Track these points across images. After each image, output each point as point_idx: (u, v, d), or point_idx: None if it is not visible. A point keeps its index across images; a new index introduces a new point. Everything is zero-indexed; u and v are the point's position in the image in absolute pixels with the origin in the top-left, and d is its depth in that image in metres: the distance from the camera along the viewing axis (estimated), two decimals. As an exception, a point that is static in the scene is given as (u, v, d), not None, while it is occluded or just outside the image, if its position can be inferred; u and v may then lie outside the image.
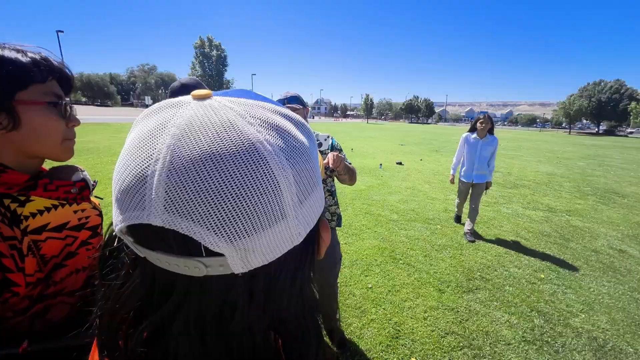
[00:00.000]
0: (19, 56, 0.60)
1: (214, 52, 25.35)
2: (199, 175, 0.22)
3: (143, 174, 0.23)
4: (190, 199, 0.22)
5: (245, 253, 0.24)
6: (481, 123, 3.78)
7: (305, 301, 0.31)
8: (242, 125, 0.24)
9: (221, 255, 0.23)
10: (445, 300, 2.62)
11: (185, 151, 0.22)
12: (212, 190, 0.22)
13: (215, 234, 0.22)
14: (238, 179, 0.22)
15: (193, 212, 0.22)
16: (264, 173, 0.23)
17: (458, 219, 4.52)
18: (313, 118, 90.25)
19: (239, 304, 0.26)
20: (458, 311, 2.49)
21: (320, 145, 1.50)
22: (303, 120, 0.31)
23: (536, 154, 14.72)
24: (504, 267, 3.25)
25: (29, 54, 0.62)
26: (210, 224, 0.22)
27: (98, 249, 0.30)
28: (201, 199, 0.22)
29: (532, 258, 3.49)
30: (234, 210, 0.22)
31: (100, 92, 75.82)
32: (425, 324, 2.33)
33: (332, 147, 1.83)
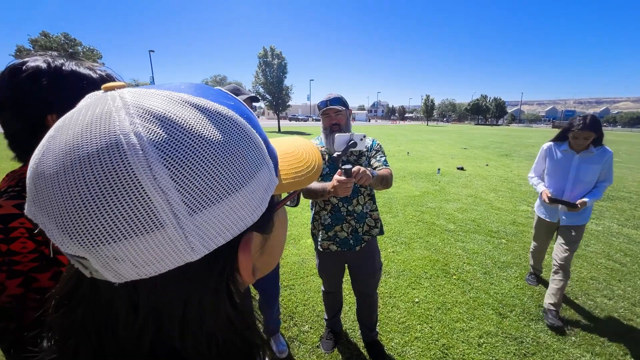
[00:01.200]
0: (91, 73, 0.69)
1: (275, 61, 26.79)
2: (57, 171, 0.21)
3: (33, 164, 0.23)
4: (47, 195, 0.21)
5: (107, 260, 0.21)
6: (580, 130, 2.18)
7: (211, 335, 0.26)
8: (117, 116, 0.21)
9: (84, 257, 0.21)
10: (506, 326, 2.28)
11: (55, 144, 0.22)
12: (65, 187, 0.20)
13: (65, 234, 0.21)
14: (91, 177, 0.20)
15: (48, 208, 0.21)
16: (120, 173, 0.20)
17: (535, 277, 2.89)
18: (369, 120, 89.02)
19: (120, 317, 0.24)
20: (522, 342, 2.14)
21: (354, 145, 1.43)
22: (229, 114, 0.25)
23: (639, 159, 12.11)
24: (588, 295, 2.70)
25: (98, 72, 0.71)
26: (62, 223, 0.21)
27: None
28: (55, 197, 0.21)
29: (629, 288, 2.83)
30: (86, 211, 0.20)
31: None
32: (480, 352, 2.05)
33: (371, 148, 1.74)
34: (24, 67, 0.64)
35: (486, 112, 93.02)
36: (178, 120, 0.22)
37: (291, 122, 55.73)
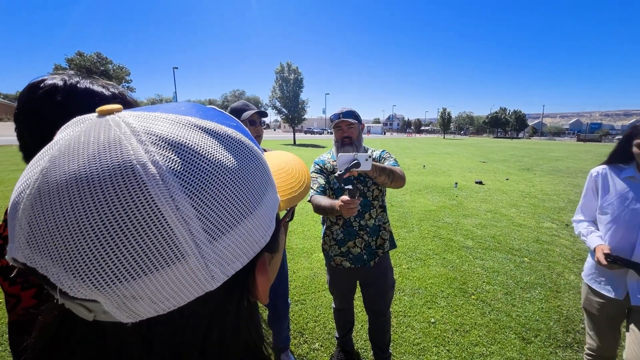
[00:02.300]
0: (104, 90, 0.71)
1: (292, 76, 27.49)
2: (62, 204, 0.19)
3: (15, 202, 0.20)
4: (50, 232, 0.19)
5: (123, 300, 0.19)
6: None
7: (230, 358, 0.25)
8: (129, 143, 0.20)
9: (94, 300, 0.19)
10: (530, 353, 2.13)
11: (54, 177, 0.19)
12: (75, 223, 0.18)
13: (74, 276, 0.19)
14: (105, 210, 0.18)
15: (51, 248, 0.19)
16: (140, 202, 0.19)
17: None
18: (384, 133, 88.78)
19: (134, 357, 0.22)
20: (549, 371, 1.98)
21: (357, 165, 1.40)
22: (238, 136, 0.25)
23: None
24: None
25: (111, 89, 0.73)
26: (69, 264, 0.18)
27: None
28: (60, 234, 0.18)
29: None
30: (101, 248, 0.18)
31: None
32: (502, 380, 1.91)
33: (379, 157, 1.71)
34: (41, 84, 0.68)
35: (506, 124, 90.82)
36: (192, 146, 0.22)
37: (306, 134, 56.40)
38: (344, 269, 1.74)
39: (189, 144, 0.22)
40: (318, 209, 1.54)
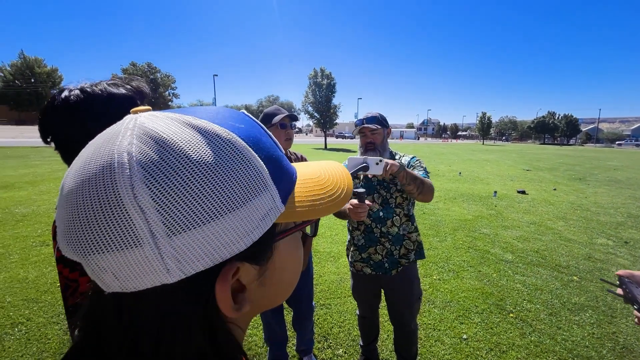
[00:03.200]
0: (122, 89, 0.76)
1: (325, 81, 27.78)
2: (69, 185, 0.24)
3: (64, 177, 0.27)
4: (61, 203, 0.24)
5: (95, 269, 0.23)
6: None
7: None
8: (122, 137, 0.23)
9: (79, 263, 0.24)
10: (578, 382, 1.91)
11: (76, 161, 0.25)
12: (71, 200, 0.23)
13: (65, 240, 0.23)
14: (87, 192, 0.22)
15: (60, 214, 0.24)
16: (107, 189, 0.21)
17: None
18: (418, 138, 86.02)
19: (108, 322, 0.25)
20: (601, 405, 1.77)
21: (365, 168, 1.37)
22: (229, 136, 0.25)
23: None
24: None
25: (127, 85, 0.78)
26: (64, 230, 0.23)
27: None
28: (63, 205, 0.24)
29: None
30: (79, 222, 0.22)
31: None
32: (543, 409, 1.74)
33: (408, 165, 1.66)
34: (60, 96, 0.72)
35: (554, 130, 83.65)
36: (170, 142, 0.23)
37: (337, 139, 56.52)
38: (365, 275, 1.71)
39: (167, 139, 0.23)
40: (337, 213, 1.55)
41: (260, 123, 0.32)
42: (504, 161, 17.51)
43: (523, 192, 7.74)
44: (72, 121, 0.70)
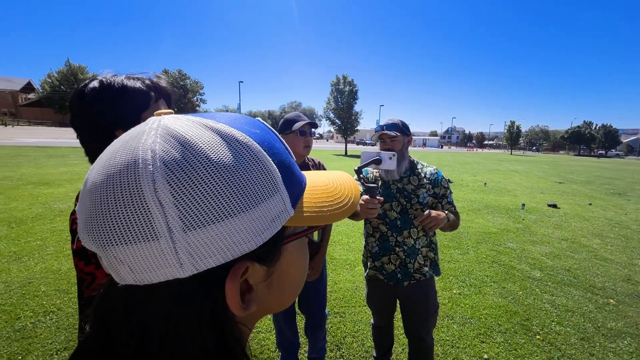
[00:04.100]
0: (139, 83, 0.77)
1: (347, 88, 27.87)
2: (94, 178, 0.24)
3: (89, 171, 0.28)
4: (83, 194, 0.25)
5: (113, 261, 0.24)
6: None
7: (184, 358, 0.25)
8: (146, 136, 0.24)
9: (97, 255, 0.25)
10: (613, 416, 1.75)
11: (101, 156, 0.26)
12: (91, 193, 0.24)
13: (85, 231, 0.24)
14: (109, 187, 0.23)
15: (82, 205, 0.25)
16: (130, 184, 0.22)
17: None
18: (441, 147, 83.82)
19: (117, 315, 0.26)
20: None
21: (378, 161, 1.40)
22: (246, 140, 0.26)
23: None
24: None
25: (146, 81, 0.80)
26: (85, 221, 0.24)
27: None
28: (85, 197, 0.25)
29: None
30: (101, 214, 0.23)
31: None
32: None
33: (438, 182, 1.61)
34: (86, 89, 0.74)
35: (591, 141, 78.59)
36: (191, 142, 0.24)
37: (358, 145, 56.29)
38: (378, 282, 1.68)
39: (189, 140, 0.24)
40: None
41: (274, 130, 0.34)
42: (534, 172, 16.63)
43: (554, 206, 7.29)
44: (84, 111, 0.74)
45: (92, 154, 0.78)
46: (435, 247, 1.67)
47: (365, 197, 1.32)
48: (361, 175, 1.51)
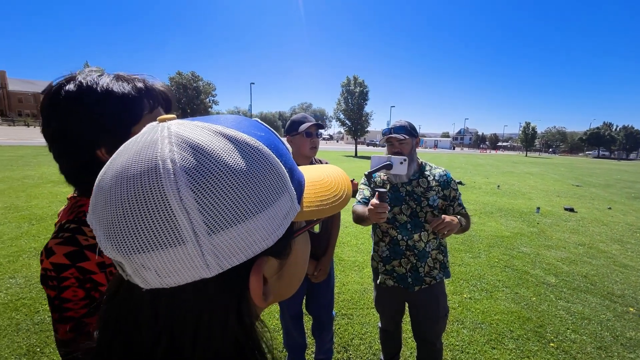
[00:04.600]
0: (129, 87, 0.63)
1: (357, 89, 27.79)
2: (110, 187, 0.25)
3: (97, 179, 0.28)
4: (100, 206, 0.25)
5: (138, 268, 0.24)
6: None
7: (220, 352, 0.27)
8: (161, 144, 0.25)
9: (121, 262, 0.25)
10: None
11: (112, 166, 0.26)
12: (114, 202, 0.24)
13: (108, 240, 0.24)
14: (132, 195, 0.23)
15: (100, 217, 0.25)
16: (154, 193, 0.23)
17: None
18: (453, 148, 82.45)
19: (144, 319, 0.27)
20: None
21: (389, 166, 1.40)
22: (256, 144, 0.28)
23: None
24: None
25: (138, 83, 0.65)
26: (107, 230, 0.25)
27: None
28: (105, 208, 0.25)
29: None
30: (125, 223, 0.23)
31: (271, 126, 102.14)
32: None
33: (447, 185, 1.59)
34: (60, 93, 0.60)
35: (611, 142, 75.84)
36: (208, 150, 0.25)
37: (368, 147, 56.01)
38: (388, 287, 1.66)
39: (205, 147, 0.25)
40: (354, 216, 1.55)
41: (273, 130, 0.35)
42: (550, 175, 16.16)
43: (571, 210, 7.07)
44: (56, 122, 0.61)
45: (70, 173, 0.67)
46: (445, 249, 1.65)
47: (375, 201, 1.29)
48: (372, 180, 1.51)
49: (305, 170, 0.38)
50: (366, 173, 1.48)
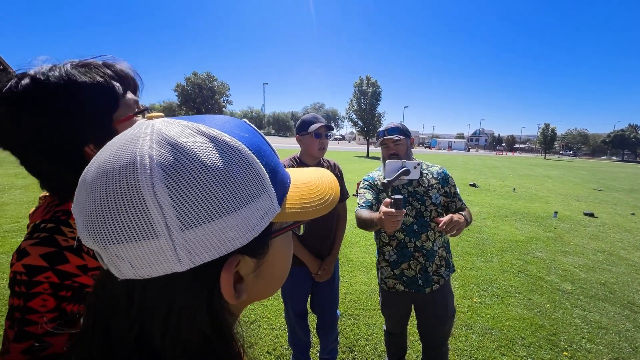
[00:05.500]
0: (97, 76, 0.58)
1: (370, 89, 27.62)
2: (92, 180, 0.26)
3: (84, 171, 0.29)
4: (82, 197, 0.26)
5: (113, 258, 0.25)
6: None
7: (188, 343, 0.28)
8: (142, 140, 0.26)
9: (97, 252, 0.26)
10: None
11: (97, 159, 0.28)
12: (93, 195, 0.25)
13: (86, 230, 0.26)
14: (110, 189, 0.24)
15: (81, 207, 0.26)
16: (130, 187, 0.24)
17: None
18: (468, 150, 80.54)
19: (120, 306, 0.28)
20: None
21: (407, 172, 1.36)
22: (235, 144, 0.28)
23: None
24: None
25: (103, 69, 0.60)
26: (85, 221, 0.26)
27: None
28: (86, 199, 0.26)
29: None
30: (102, 215, 0.24)
31: (283, 126, 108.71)
32: None
33: (446, 181, 1.59)
34: (13, 93, 0.53)
35: (636, 145, 72.37)
36: (186, 147, 0.26)
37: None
38: (397, 292, 1.63)
39: (183, 144, 0.26)
40: (359, 221, 1.51)
41: (260, 132, 0.36)
42: (570, 178, 15.58)
43: (591, 215, 6.80)
44: (22, 127, 0.54)
45: (64, 186, 0.60)
46: (447, 245, 1.64)
47: (387, 209, 1.21)
48: (384, 181, 1.47)
49: (293, 172, 0.38)
50: (385, 182, 1.43)
